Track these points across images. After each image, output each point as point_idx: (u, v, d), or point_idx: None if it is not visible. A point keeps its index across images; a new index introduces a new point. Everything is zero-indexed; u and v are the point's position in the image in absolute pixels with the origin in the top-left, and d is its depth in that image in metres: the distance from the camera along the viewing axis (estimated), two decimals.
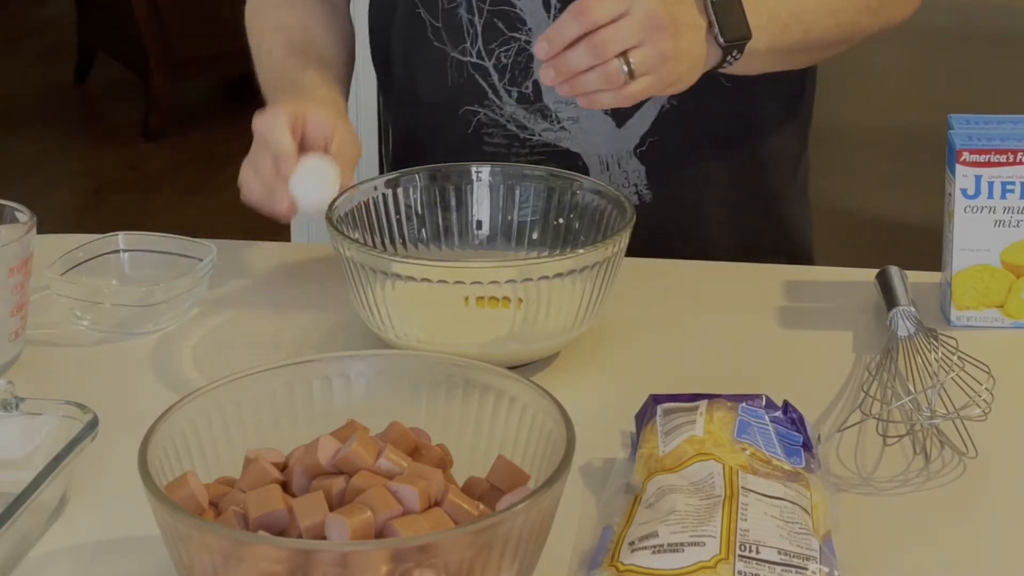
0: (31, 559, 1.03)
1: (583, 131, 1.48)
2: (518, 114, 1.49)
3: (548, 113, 1.48)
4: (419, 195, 1.36)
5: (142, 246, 1.40)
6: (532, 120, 1.49)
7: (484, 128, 1.50)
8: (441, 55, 1.50)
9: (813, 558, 0.95)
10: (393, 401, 1.04)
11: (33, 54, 5.16)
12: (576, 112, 1.47)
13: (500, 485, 0.98)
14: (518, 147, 1.49)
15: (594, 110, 1.42)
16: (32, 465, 1.04)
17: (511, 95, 1.49)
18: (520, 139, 1.49)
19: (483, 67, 1.49)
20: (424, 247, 1.36)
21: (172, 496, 0.92)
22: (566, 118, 1.48)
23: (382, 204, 1.34)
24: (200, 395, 1.00)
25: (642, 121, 1.48)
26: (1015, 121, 1.33)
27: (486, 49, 1.48)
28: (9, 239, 1.24)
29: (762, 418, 1.09)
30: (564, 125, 1.48)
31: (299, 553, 0.85)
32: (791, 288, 1.41)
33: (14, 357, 1.27)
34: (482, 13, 1.47)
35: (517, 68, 1.48)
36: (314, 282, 1.43)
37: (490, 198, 1.37)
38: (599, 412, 1.18)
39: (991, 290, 1.32)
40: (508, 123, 1.49)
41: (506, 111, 1.49)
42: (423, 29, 1.50)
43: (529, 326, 1.22)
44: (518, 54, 1.48)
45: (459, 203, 1.37)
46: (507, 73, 1.48)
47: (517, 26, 1.47)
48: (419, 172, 1.37)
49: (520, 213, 1.36)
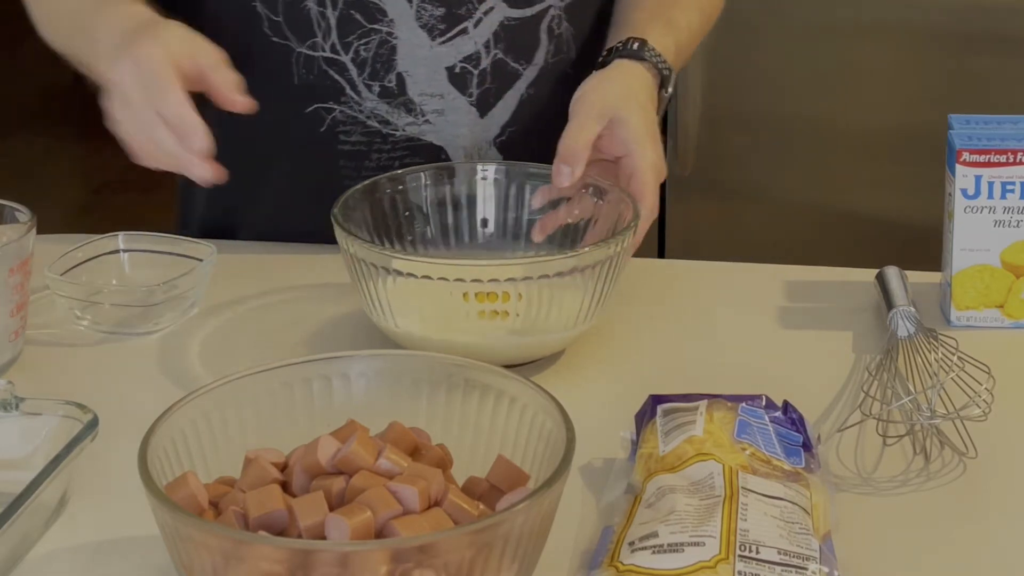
0: (31, 559, 1.03)
1: (448, 123, 1.46)
2: (379, 109, 1.45)
3: (412, 107, 1.45)
4: (425, 193, 1.36)
5: (142, 246, 1.40)
6: (395, 115, 1.45)
7: (340, 126, 1.45)
8: (283, 51, 1.43)
9: (813, 558, 0.95)
10: (393, 401, 1.04)
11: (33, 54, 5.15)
12: (441, 104, 1.45)
13: (500, 485, 0.98)
14: (380, 143, 1.45)
15: (459, 103, 1.44)
16: (32, 465, 1.04)
17: (371, 90, 1.44)
18: (382, 135, 1.45)
19: (339, 62, 1.43)
20: (432, 245, 1.36)
21: (172, 496, 0.92)
22: (431, 111, 1.45)
23: (388, 202, 1.34)
24: (200, 395, 1.00)
25: (504, 110, 1.47)
26: (1015, 121, 1.33)
27: (342, 43, 1.43)
28: (9, 239, 1.25)
29: (762, 418, 1.10)
30: (429, 118, 1.45)
31: (299, 553, 0.85)
32: (791, 288, 1.41)
33: (14, 357, 1.27)
34: (336, 5, 1.42)
35: (379, 61, 1.43)
36: (314, 281, 1.43)
37: (496, 196, 1.37)
38: (599, 412, 1.18)
39: (991, 290, 1.32)
40: (369, 119, 1.45)
41: (366, 107, 1.44)
42: (259, 24, 1.43)
43: (530, 325, 1.22)
44: (380, 46, 1.43)
45: (465, 202, 1.37)
46: (367, 67, 1.43)
47: (377, 17, 1.42)
48: (424, 170, 1.36)
49: (528, 212, 1.36)
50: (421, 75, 1.45)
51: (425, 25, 1.44)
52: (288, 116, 1.46)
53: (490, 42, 1.45)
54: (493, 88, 1.47)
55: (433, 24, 1.44)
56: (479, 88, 1.46)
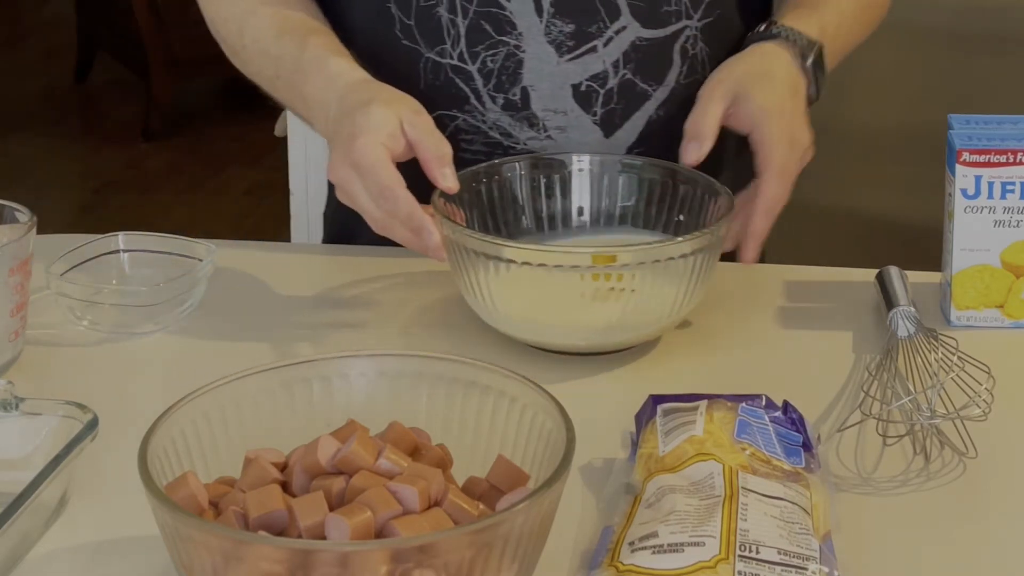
0: (31, 559, 1.03)
1: (570, 141, 1.44)
2: (502, 121, 1.44)
3: (535, 121, 1.44)
4: (520, 183, 1.37)
5: (142, 246, 1.40)
6: (517, 128, 1.44)
7: (462, 134, 1.44)
8: (412, 55, 1.44)
9: (813, 558, 0.95)
10: (393, 401, 1.04)
11: (33, 54, 5.16)
12: (564, 121, 1.44)
13: (500, 485, 0.98)
14: (500, 154, 1.43)
15: (582, 121, 1.43)
16: (32, 465, 1.04)
17: (495, 101, 1.43)
18: (504, 147, 1.44)
19: (465, 71, 1.43)
20: (527, 233, 1.37)
21: (172, 496, 0.92)
22: (554, 127, 1.44)
23: (484, 192, 1.35)
24: (200, 395, 1.00)
25: (631, 131, 1.45)
26: (1015, 121, 1.33)
27: (470, 52, 1.42)
28: (9, 239, 1.25)
29: (762, 418, 1.10)
30: (551, 134, 1.44)
31: (299, 553, 0.85)
32: (791, 288, 1.41)
33: (14, 357, 1.27)
34: (467, 14, 1.41)
35: (504, 73, 1.43)
36: (314, 282, 1.43)
37: (589, 186, 1.38)
38: (599, 412, 1.18)
39: (991, 290, 1.32)
40: (491, 130, 1.44)
41: (489, 118, 1.44)
42: (391, 25, 1.43)
43: (640, 311, 1.24)
44: (506, 59, 1.42)
45: (560, 191, 1.38)
46: (493, 78, 1.43)
47: (506, 29, 1.42)
48: (519, 160, 1.38)
49: (620, 201, 1.37)
50: (546, 90, 1.43)
51: (553, 41, 1.42)
52: None
53: (619, 62, 1.43)
54: (619, 108, 1.45)
55: (562, 40, 1.42)
56: (604, 107, 1.44)
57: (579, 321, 1.24)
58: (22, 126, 4.59)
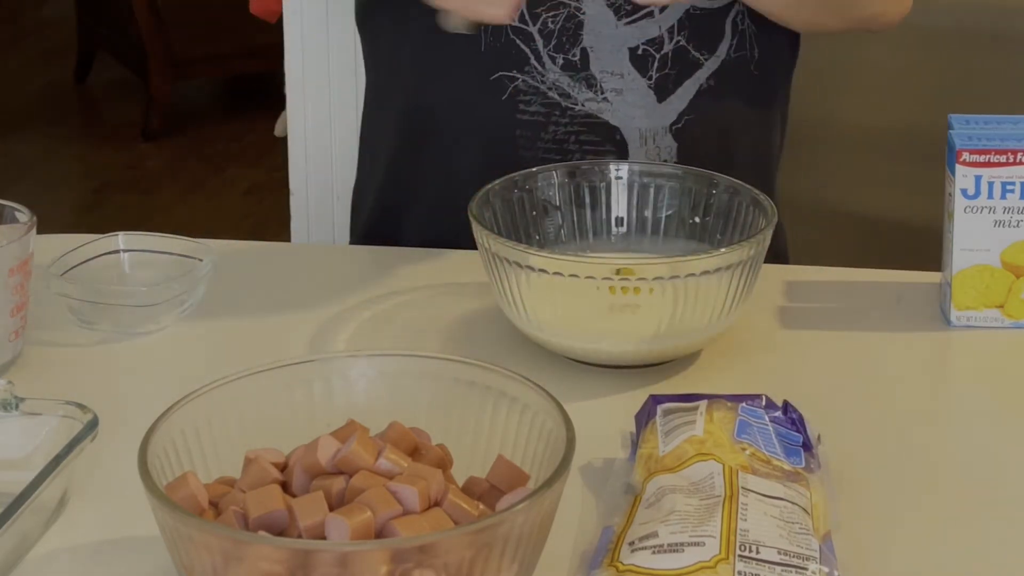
0: (31, 559, 1.03)
1: (625, 104, 1.47)
2: (561, 81, 1.46)
3: (593, 82, 1.46)
4: (556, 192, 1.36)
5: (142, 246, 1.40)
6: (576, 88, 1.46)
7: (521, 95, 1.47)
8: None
9: (813, 558, 0.95)
10: (393, 401, 1.04)
11: (33, 54, 5.16)
12: (621, 84, 1.46)
13: (500, 485, 0.98)
14: (558, 115, 1.47)
15: (638, 84, 1.45)
16: (32, 465, 1.04)
17: (555, 62, 1.46)
18: (562, 107, 1.47)
19: (526, 32, 1.45)
20: (563, 243, 1.36)
21: (172, 496, 0.92)
22: (610, 89, 1.47)
23: (517, 200, 1.35)
24: (200, 395, 1.00)
25: (682, 97, 1.48)
26: (1015, 121, 1.33)
27: (530, 13, 1.45)
28: (9, 239, 1.24)
29: (762, 418, 1.10)
30: (607, 96, 1.46)
31: (299, 553, 0.85)
32: (791, 288, 1.41)
33: (14, 357, 1.27)
34: None
35: (565, 34, 1.45)
36: (314, 282, 1.43)
37: (627, 196, 1.37)
38: (599, 412, 1.18)
39: (991, 290, 1.32)
40: (550, 90, 1.47)
41: (548, 78, 1.46)
42: None
43: (676, 323, 1.22)
44: (567, 20, 1.45)
45: (597, 200, 1.37)
46: (553, 39, 1.46)
47: None
48: (556, 169, 1.37)
49: (657, 211, 1.36)
50: (604, 52, 1.46)
51: (612, 4, 1.45)
52: (473, 81, 1.48)
53: (674, 28, 1.46)
54: (672, 74, 1.48)
55: (620, 4, 1.45)
56: (659, 72, 1.47)
57: (604, 332, 1.23)
58: (22, 126, 4.60)
